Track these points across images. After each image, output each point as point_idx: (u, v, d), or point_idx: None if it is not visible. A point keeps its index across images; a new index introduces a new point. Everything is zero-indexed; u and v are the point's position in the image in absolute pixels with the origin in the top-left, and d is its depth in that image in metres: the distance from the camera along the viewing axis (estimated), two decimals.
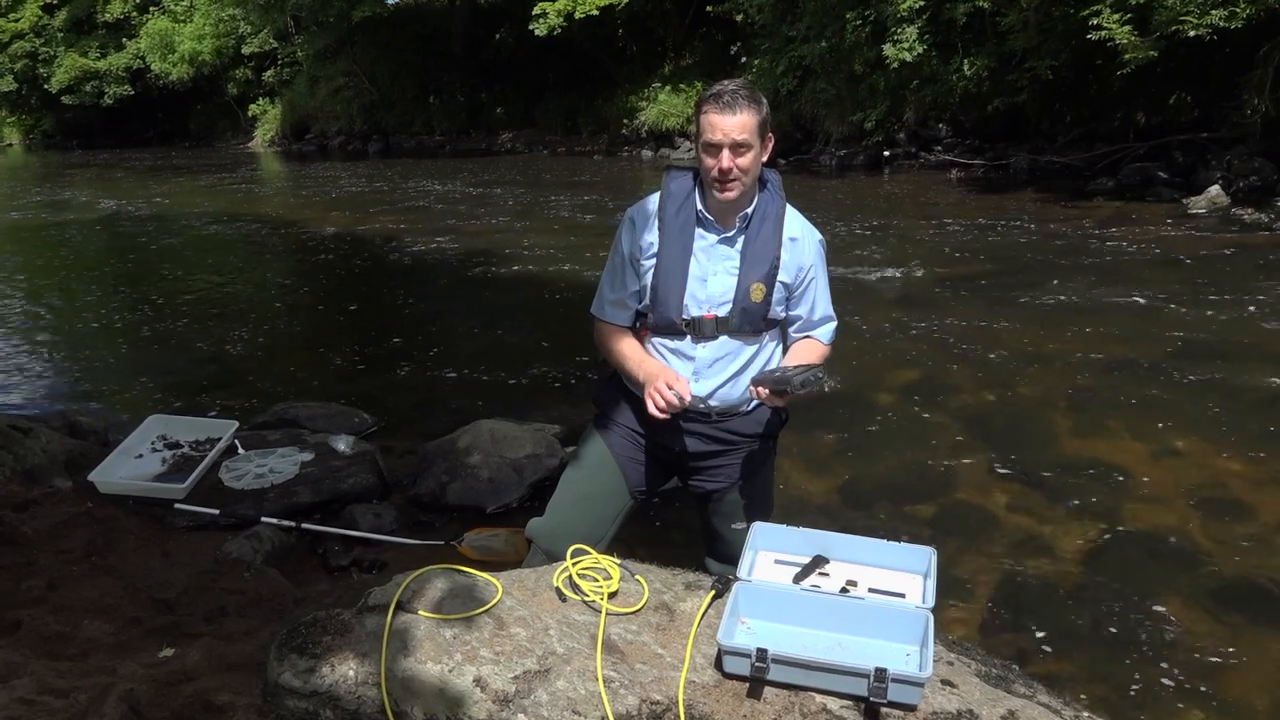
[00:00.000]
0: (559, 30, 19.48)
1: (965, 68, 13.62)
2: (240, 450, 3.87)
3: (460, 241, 10.73)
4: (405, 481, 3.94)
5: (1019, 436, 4.41)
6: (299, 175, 21.92)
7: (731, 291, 2.26)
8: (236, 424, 4.05)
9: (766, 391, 2.15)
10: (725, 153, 2.15)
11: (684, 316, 2.27)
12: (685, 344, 2.29)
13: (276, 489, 3.59)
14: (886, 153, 16.25)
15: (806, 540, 2.12)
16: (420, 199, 15.22)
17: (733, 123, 2.13)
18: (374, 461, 3.87)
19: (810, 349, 2.35)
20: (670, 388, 2.14)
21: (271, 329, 7.31)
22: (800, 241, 2.32)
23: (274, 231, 12.56)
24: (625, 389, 2.43)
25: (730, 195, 2.20)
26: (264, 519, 3.36)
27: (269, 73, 33.20)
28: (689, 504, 2.62)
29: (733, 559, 2.18)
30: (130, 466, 3.69)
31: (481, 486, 3.75)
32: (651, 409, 2.16)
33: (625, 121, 22.15)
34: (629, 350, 2.32)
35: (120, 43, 35.03)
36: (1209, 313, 6.27)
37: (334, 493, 3.64)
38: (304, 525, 3.39)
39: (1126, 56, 10.59)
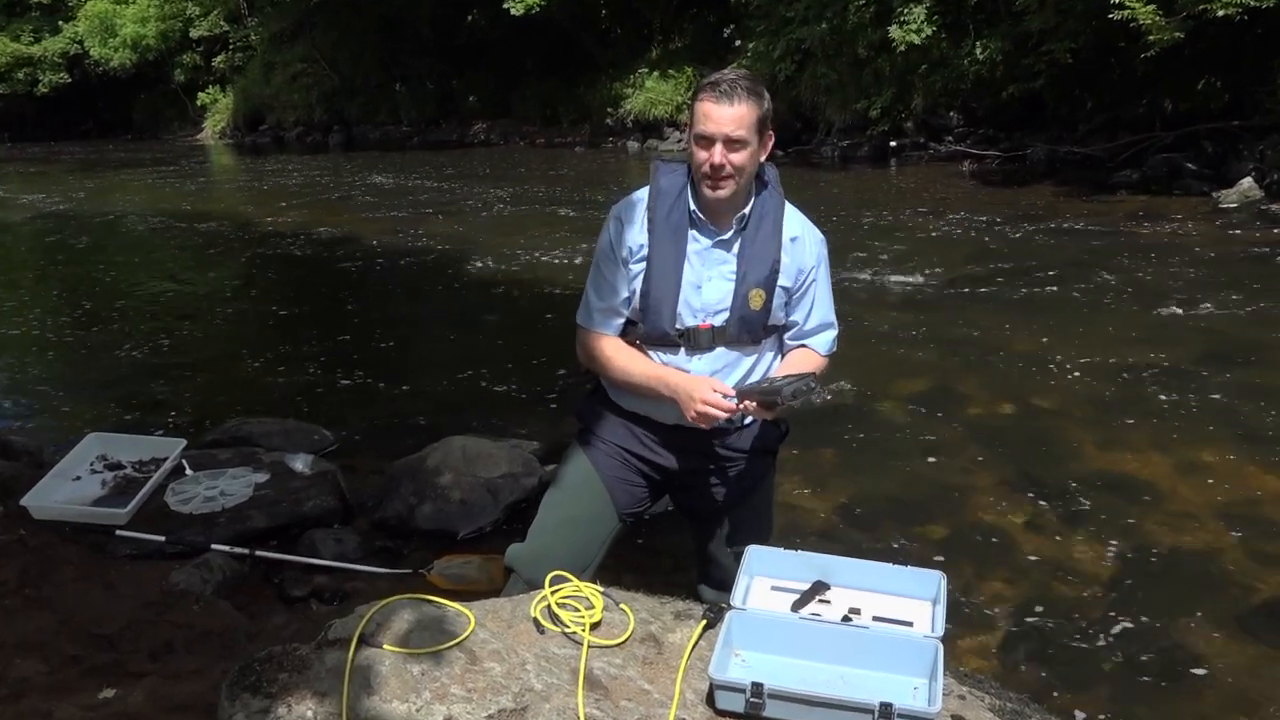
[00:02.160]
0: (537, 9, 19.53)
1: (977, 51, 13.72)
2: (188, 471, 3.86)
3: (429, 241, 10.73)
4: (369, 504, 3.93)
5: (1036, 450, 4.44)
6: (252, 169, 21.86)
7: (728, 299, 2.27)
8: (184, 442, 4.04)
9: (754, 404, 2.15)
10: (718, 147, 2.16)
11: (678, 326, 2.28)
12: (679, 356, 2.30)
13: (228, 513, 3.58)
14: (893, 143, 16.33)
15: (806, 564, 2.14)
16: (386, 195, 15.21)
17: (729, 115, 2.14)
18: (335, 482, 3.86)
19: (805, 360, 2.37)
20: (713, 394, 2.15)
21: (221, 338, 7.29)
22: (801, 241, 2.34)
23: (224, 231, 12.52)
24: (611, 403, 2.44)
25: (721, 194, 2.21)
26: (214, 546, 3.35)
27: (220, 58, 33.11)
28: (679, 526, 2.64)
29: (727, 585, 2.19)
30: (67, 490, 3.67)
31: (453, 509, 3.74)
32: (703, 423, 2.18)
33: (609, 110, 22.17)
34: (635, 361, 2.32)
35: (56, 26, 34.87)
36: (1240, 315, 6.33)
37: (291, 517, 3.62)
38: (258, 552, 3.38)
39: (1151, 38, 10.68)
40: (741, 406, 2.17)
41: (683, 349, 2.29)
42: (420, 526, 3.71)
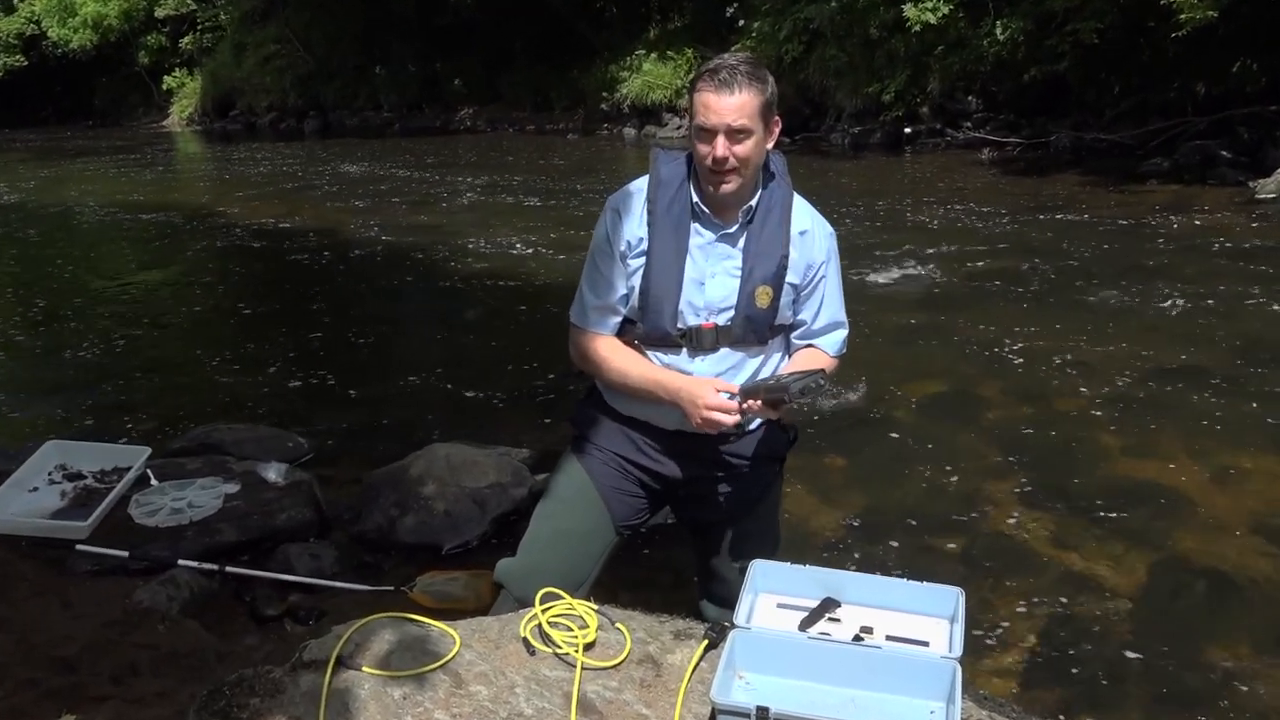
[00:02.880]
0: None
1: (998, 31, 13.75)
2: (153, 481, 3.85)
3: (411, 235, 10.74)
4: (347, 516, 3.93)
5: (1061, 457, 4.45)
6: (222, 158, 21.87)
7: (734, 297, 2.28)
8: (148, 450, 4.03)
9: (759, 403, 2.16)
10: (720, 139, 2.15)
11: (679, 326, 2.28)
12: (681, 357, 2.31)
13: (196, 526, 3.57)
14: (908, 129, 16.38)
15: (815, 580, 2.14)
16: (364, 185, 15.21)
17: (730, 104, 2.14)
18: (311, 493, 3.86)
19: (812, 359, 2.37)
20: (718, 397, 2.16)
21: (188, 338, 7.29)
22: (810, 235, 2.35)
23: (190, 224, 12.52)
24: (607, 407, 2.45)
25: (727, 189, 2.22)
26: (181, 561, 3.34)
27: (187, 39, 33.13)
28: (680, 539, 2.64)
29: (731, 602, 2.20)
30: (24, 501, 3.66)
31: (437, 522, 3.74)
32: (709, 429, 2.19)
33: (604, 95, 22.22)
34: (632, 363, 2.32)
35: (10, 5, 34.90)
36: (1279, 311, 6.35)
37: (264, 530, 3.62)
38: (228, 568, 3.37)
39: (1183, 17, 10.70)
40: (746, 406, 2.18)
41: (684, 350, 2.30)
42: (402, 540, 3.71)
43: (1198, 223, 9.19)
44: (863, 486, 4.27)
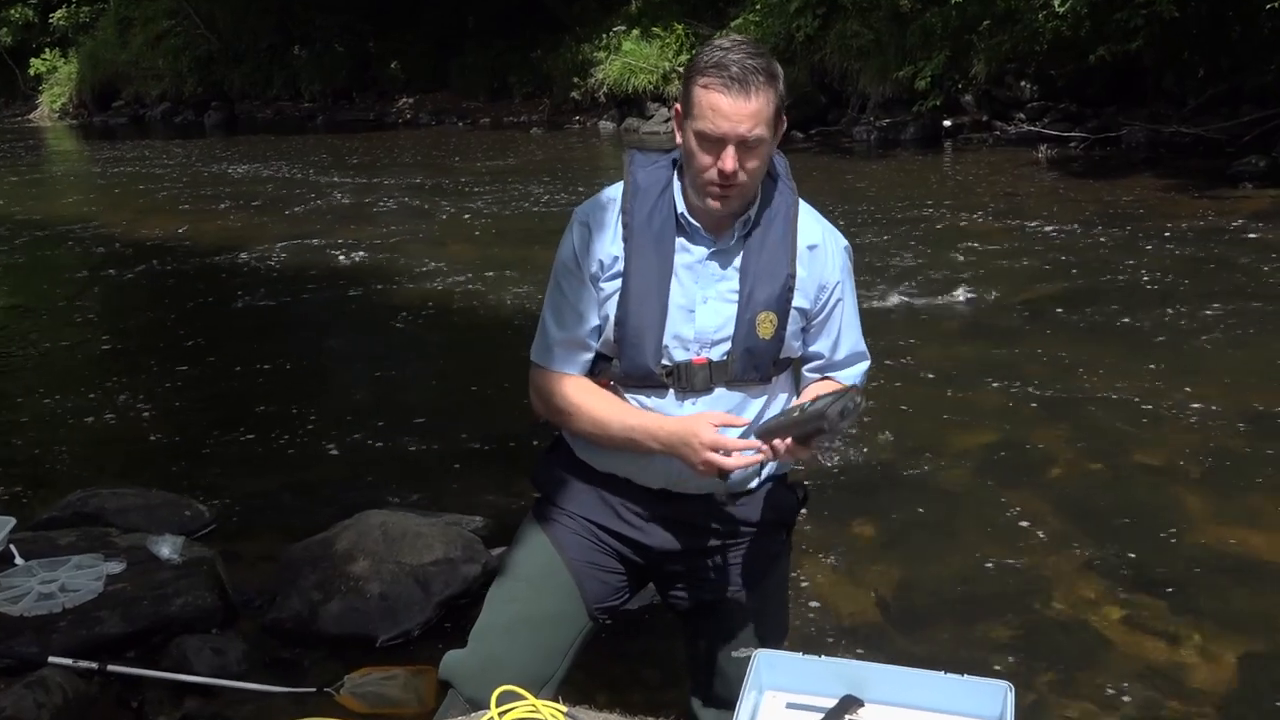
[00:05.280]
0: None
1: (1056, 2, 13.85)
2: (17, 560, 3.85)
3: (338, 254, 10.79)
4: (259, 602, 3.94)
5: (1134, 524, 4.47)
6: (103, 159, 21.88)
7: (730, 325, 2.31)
8: (12, 521, 4.02)
9: (788, 442, 2.15)
10: (731, 151, 2.17)
11: (664, 363, 2.32)
12: (666, 401, 2.33)
13: (71, 615, 3.57)
14: (947, 122, 16.54)
15: (832, 673, 2.16)
16: (280, 192, 15.28)
17: (747, 111, 2.15)
18: (213, 573, 3.87)
19: (832, 386, 2.40)
20: (718, 434, 2.18)
21: (61, 383, 7.26)
22: (821, 250, 2.39)
23: (65, 242, 12.52)
24: (578, 463, 2.48)
25: (728, 206, 2.26)
26: (52, 659, 3.34)
27: (59, 13, 33.25)
28: (668, 624, 2.66)
29: (730, 701, 2.21)
30: None
31: (370, 607, 3.75)
32: (715, 473, 2.21)
33: (575, 80, 22.37)
34: (609, 408, 2.34)
35: None
36: None
37: (155, 619, 3.62)
38: (110, 667, 3.36)
39: None
40: (768, 451, 2.18)
41: (671, 391, 2.33)
42: (326, 630, 3.71)
43: None
44: (891, 558, 4.29)
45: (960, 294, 8.09)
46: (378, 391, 6.83)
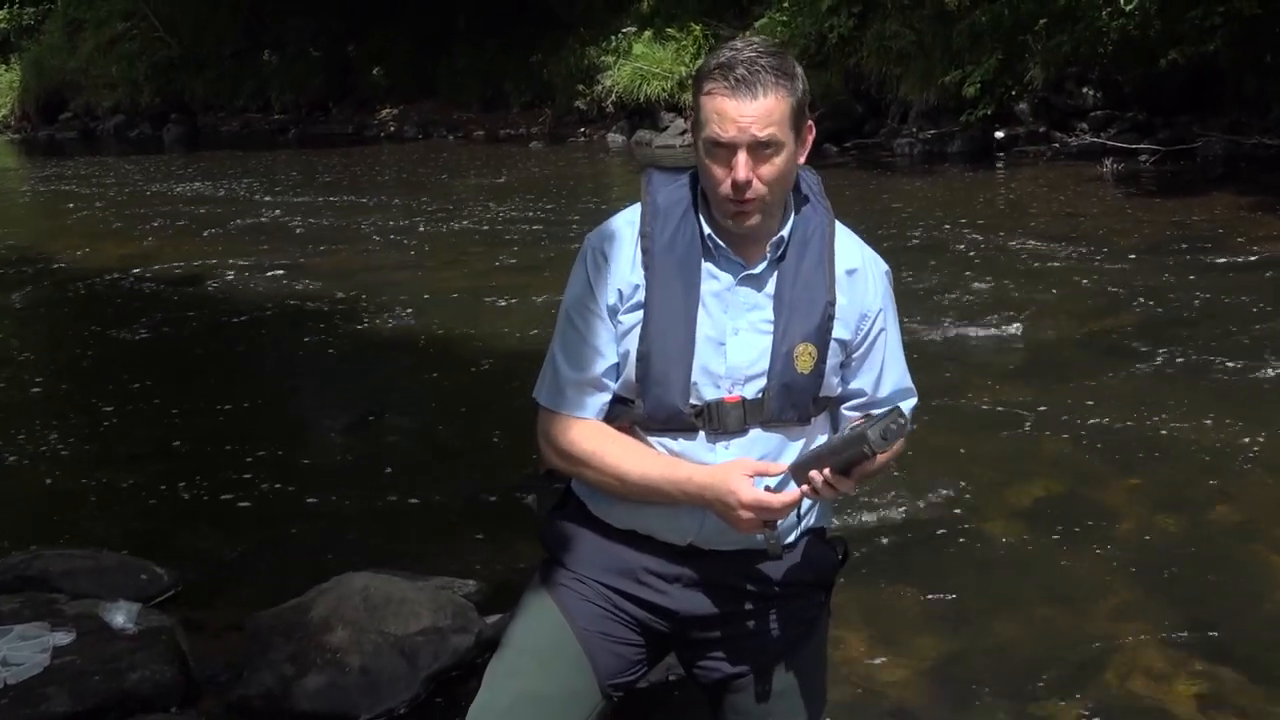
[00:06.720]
0: None
1: (1123, 1, 13.91)
2: None
3: (314, 284, 10.81)
4: (224, 677, 3.94)
5: (1213, 588, 4.46)
6: (49, 178, 21.99)
7: (765, 359, 2.34)
8: None
9: (826, 473, 2.18)
10: (742, 157, 2.20)
11: (693, 402, 2.33)
12: (697, 443, 2.35)
13: (13, 691, 3.58)
14: (999, 133, 16.57)
15: None
16: (248, 215, 15.33)
17: (752, 110, 2.19)
18: (173, 644, 3.87)
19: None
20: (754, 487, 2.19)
21: (1, 432, 7.29)
22: (861, 275, 2.42)
23: (5, 271, 12.56)
24: (592, 519, 2.48)
25: (750, 224, 2.29)
26: None
27: (0, 14, 33.48)
28: (692, 699, 2.66)
29: None
30: None
31: (350, 682, 3.75)
32: (756, 528, 2.23)
33: (580, 88, 22.43)
34: (630, 454, 2.35)
35: None
36: None
37: (107, 696, 3.62)
38: None
39: None
40: (806, 487, 2.21)
41: (701, 433, 2.34)
42: (301, 708, 3.70)
43: None
44: (941, 625, 4.27)
45: (1015, 327, 8.06)
46: (358, 439, 6.82)
